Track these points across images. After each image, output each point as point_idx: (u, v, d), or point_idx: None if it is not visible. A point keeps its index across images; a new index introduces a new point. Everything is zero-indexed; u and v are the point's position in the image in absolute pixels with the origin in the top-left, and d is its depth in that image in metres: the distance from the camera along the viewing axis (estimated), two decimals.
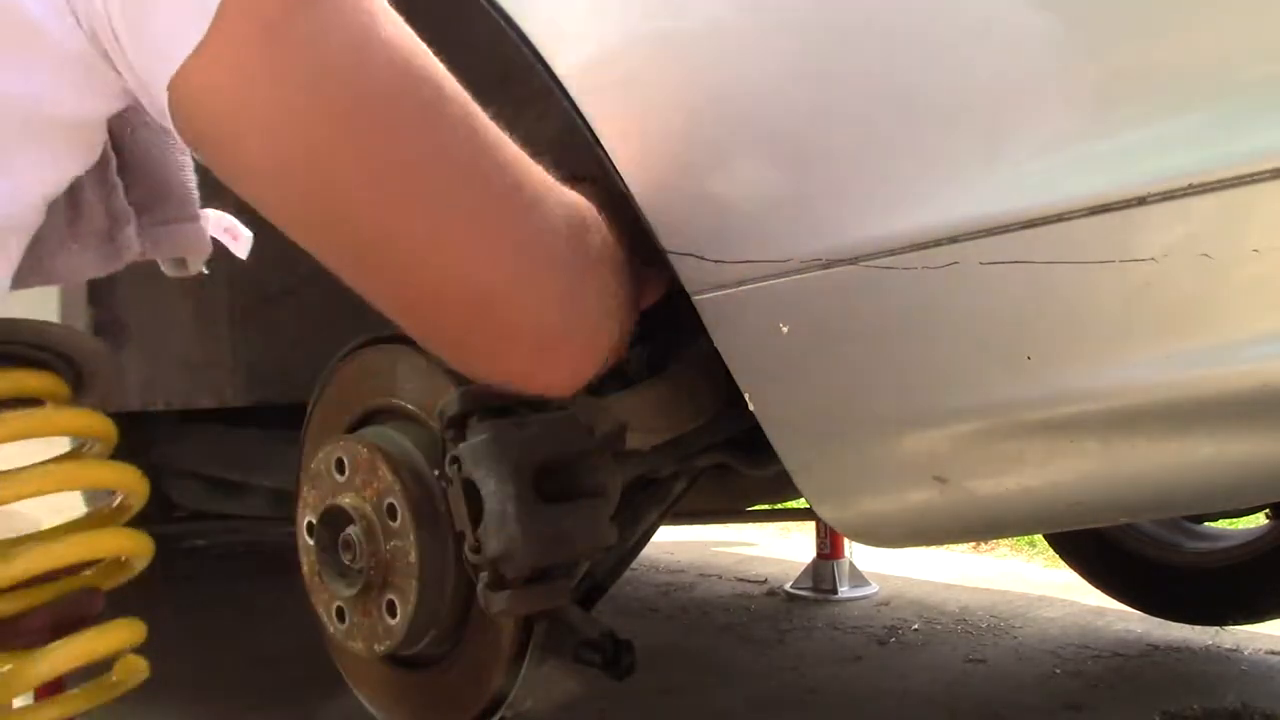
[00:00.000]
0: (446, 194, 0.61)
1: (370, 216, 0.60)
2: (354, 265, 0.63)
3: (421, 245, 0.61)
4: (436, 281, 0.63)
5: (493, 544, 0.84)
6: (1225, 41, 0.60)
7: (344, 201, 0.59)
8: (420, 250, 0.61)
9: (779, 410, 0.81)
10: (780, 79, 0.74)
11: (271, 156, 0.57)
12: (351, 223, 0.60)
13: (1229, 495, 0.86)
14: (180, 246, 0.69)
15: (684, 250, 0.78)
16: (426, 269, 0.62)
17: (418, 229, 0.61)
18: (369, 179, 0.59)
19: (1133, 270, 0.62)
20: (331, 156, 0.58)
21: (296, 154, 0.57)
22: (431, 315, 0.66)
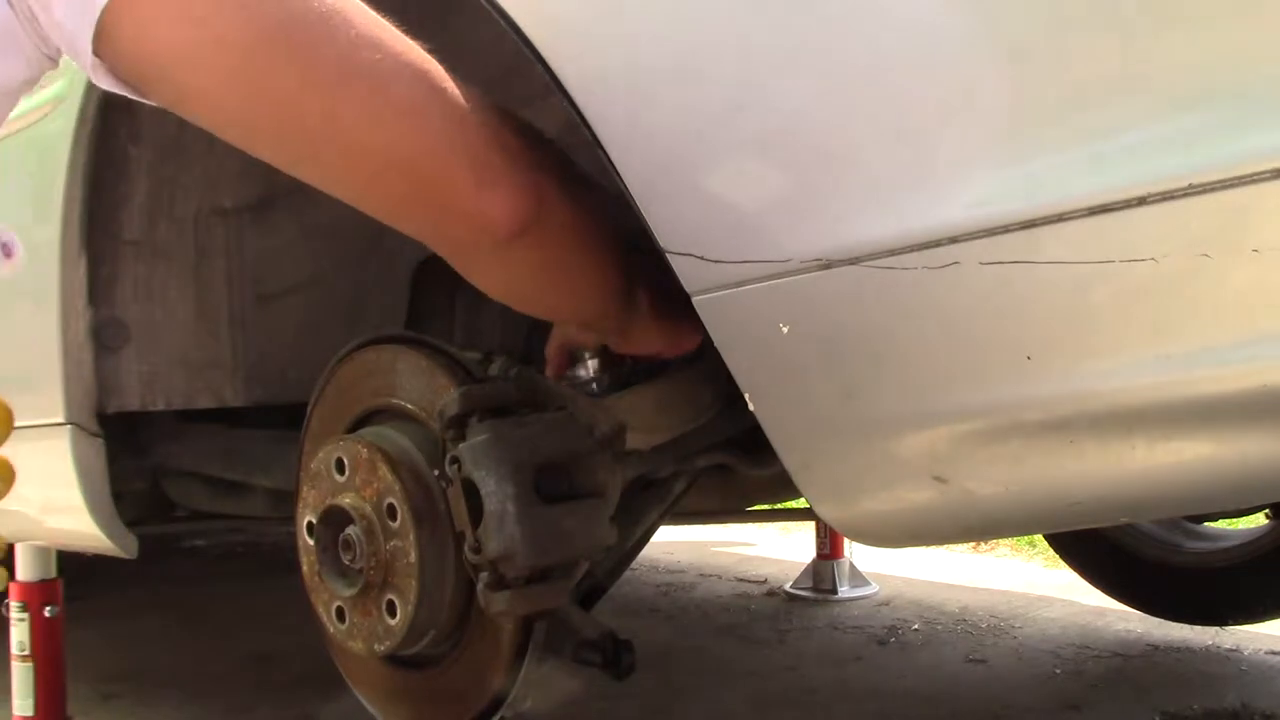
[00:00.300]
0: (370, 77, 0.71)
1: (315, 115, 0.70)
2: (306, 159, 0.73)
3: (362, 127, 0.71)
4: (383, 153, 0.73)
5: (493, 544, 0.84)
6: (1225, 41, 0.60)
7: (285, 99, 0.68)
8: (362, 132, 0.71)
9: (779, 410, 0.81)
10: (780, 79, 0.74)
11: (213, 75, 0.66)
12: (296, 117, 0.70)
13: (1229, 495, 0.86)
14: None
15: (684, 250, 0.78)
16: (370, 146, 0.72)
17: (357, 114, 0.71)
18: (301, 74, 0.68)
19: (1133, 270, 0.62)
20: (268, 62, 0.67)
21: (235, 68, 0.66)
22: (385, 188, 0.76)
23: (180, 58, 0.65)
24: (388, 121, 0.72)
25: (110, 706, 2.21)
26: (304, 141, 0.71)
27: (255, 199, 1.53)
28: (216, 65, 0.66)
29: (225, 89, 0.67)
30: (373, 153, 0.73)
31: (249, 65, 0.66)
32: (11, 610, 1.93)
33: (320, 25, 0.69)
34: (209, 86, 0.67)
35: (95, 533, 1.47)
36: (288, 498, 1.17)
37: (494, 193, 0.76)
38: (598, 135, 0.81)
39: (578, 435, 0.91)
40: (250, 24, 0.66)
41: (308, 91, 0.69)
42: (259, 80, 0.67)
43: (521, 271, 0.84)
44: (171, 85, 0.67)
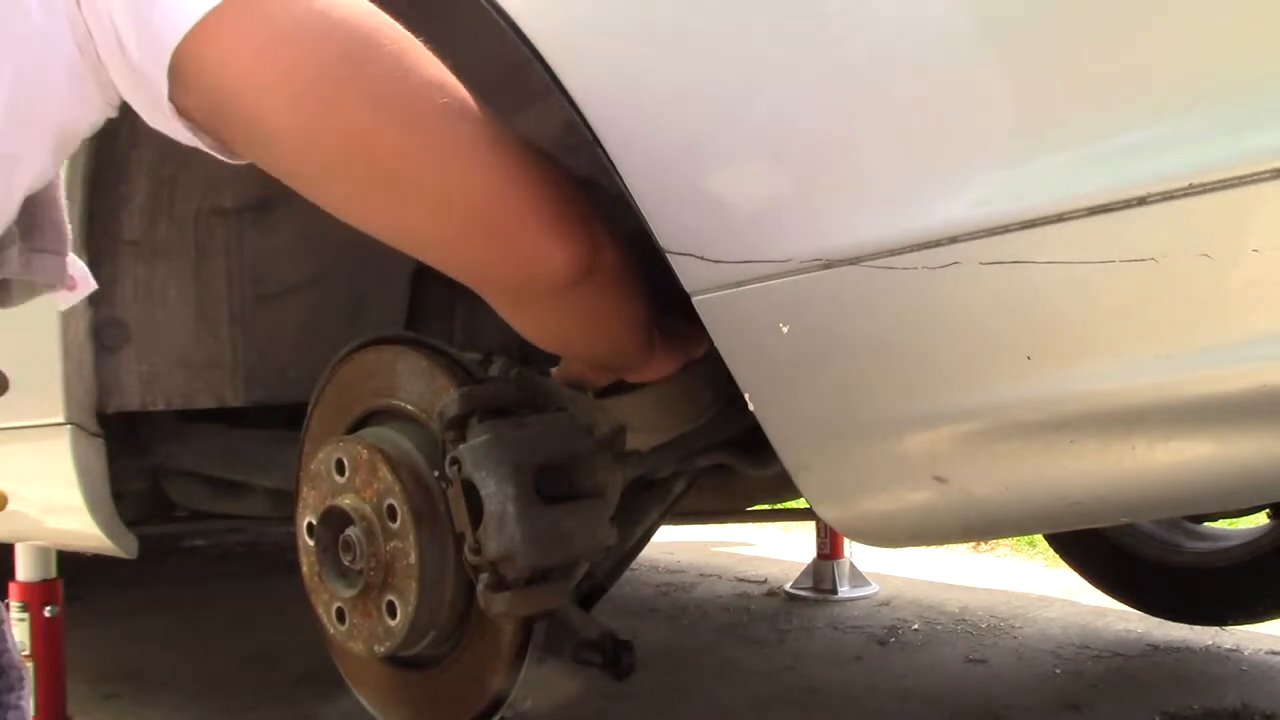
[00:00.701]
0: (438, 112, 0.71)
1: (384, 149, 0.69)
2: (373, 197, 0.72)
3: (428, 162, 0.71)
4: (450, 191, 0.73)
5: (493, 545, 0.84)
6: (1225, 41, 0.60)
7: (359, 131, 0.68)
8: (429, 167, 0.71)
9: (779, 410, 0.81)
10: (780, 79, 0.74)
11: (287, 107, 0.66)
12: (367, 150, 0.69)
13: (1229, 495, 0.86)
14: (47, 274, 0.76)
15: (684, 250, 0.78)
16: (437, 183, 0.72)
17: (425, 149, 0.71)
18: (375, 108, 0.68)
19: (1133, 270, 0.62)
20: (344, 94, 0.67)
21: (311, 99, 0.66)
22: (447, 229, 0.75)
23: (257, 89, 0.65)
24: (459, 160, 0.72)
25: (110, 706, 2.21)
26: (373, 178, 0.71)
27: (255, 199, 1.53)
28: (292, 96, 0.66)
29: (299, 121, 0.67)
30: (442, 191, 0.73)
31: (325, 96, 0.66)
32: (11, 610, 1.93)
33: (394, 63, 0.69)
34: (283, 119, 0.66)
35: (95, 533, 1.47)
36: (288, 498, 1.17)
37: (557, 240, 0.76)
38: (598, 135, 0.81)
39: (578, 436, 0.91)
40: (327, 57, 0.66)
41: (381, 126, 0.69)
42: (334, 112, 0.67)
43: (570, 319, 0.85)
44: (245, 119, 0.66)
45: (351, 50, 0.67)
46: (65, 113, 0.65)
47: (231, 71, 0.63)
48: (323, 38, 0.66)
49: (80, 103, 0.65)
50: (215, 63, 0.63)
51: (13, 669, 0.69)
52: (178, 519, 1.83)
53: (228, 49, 0.63)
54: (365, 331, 1.09)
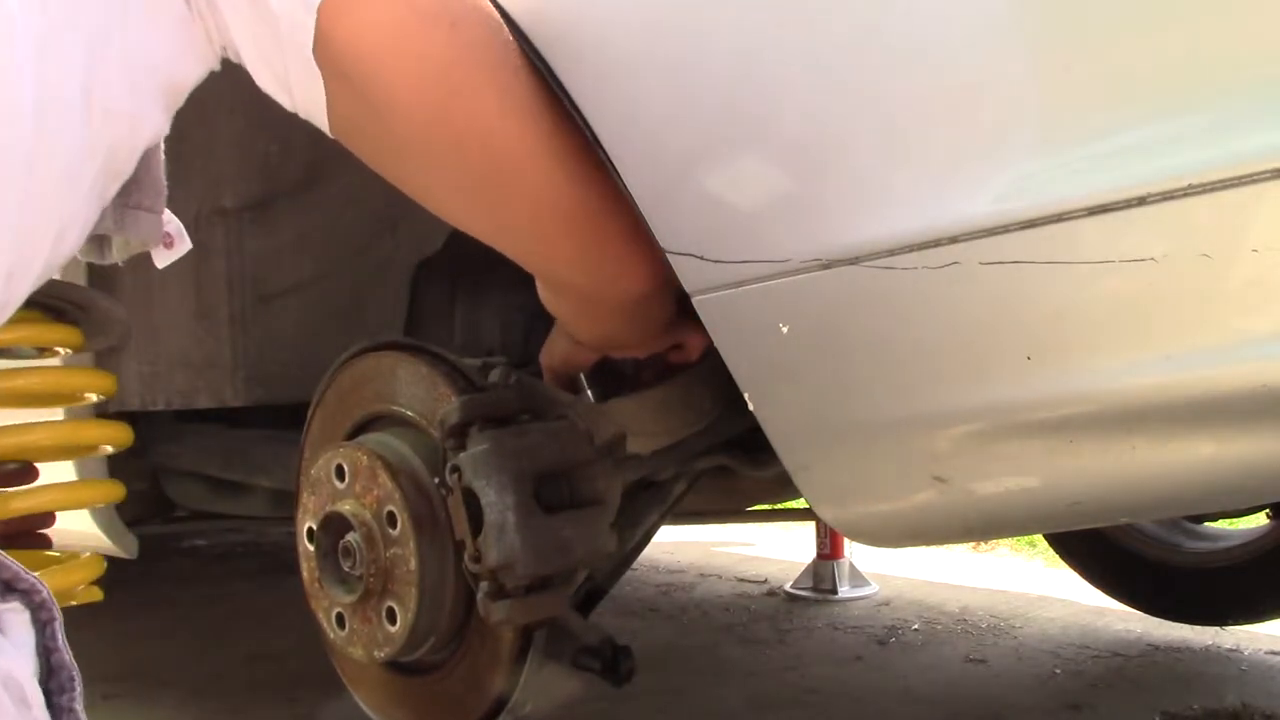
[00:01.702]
0: (550, 113, 0.73)
1: (503, 139, 0.70)
2: (476, 189, 0.73)
3: (541, 159, 0.72)
4: (552, 191, 0.74)
5: (493, 554, 0.84)
6: (1225, 41, 0.60)
7: (479, 128, 0.69)
8: (540, 164, 0.72)
9: (779, 411, 0.80)
10: (780, 79, 0.74)
11: (419, 93, 0.67)
12: (486, 147, 0.70)
13: (1229, 495, 0.86)
14: (142, 232, 0.75)
15: (684, 250, 0.78)
16: (543, 181, 0.73)
17: (538, 145, 0.72)
18: (499, 98, 0.69)
19: (1133, 270, 0.62)
20: (470, 78, 0.68)
21: (437, 77, 0.67)
22: (542, 227, 0.76)
23: (392, 60, 0.65)
24: (565, 166, 0.73)
25: (110, 706, 2.21)
26: (485, 169, 0.71)
27: (255, 199, 1.53)
28: (425, 75, 0.66)
29: (425, 100, 0.67)
30: (546, 193, 0.74)
31: (455, 80, 0.67)
32: None
33: (516, 58, 0.71)
34: (411, 95, 0.67)
35: (95, 533, 1.47)
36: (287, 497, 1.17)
37: (640, 258, 0.78)
38: (598, 135, 0.81)
39: (578, 443, 0.91)
40: (463, 41, 0.67)
41: (504, 119, 0.70)
42: (461, 98, 0.68)
43: (623, 324, 0.87)
44: (369, 88, 0.66)
45: (485, 38, 0.68)
46: (174, 66, 0.65)
47: (369, 38, 0.64)
48: (461, 21, 0.67)
49: (188, 54, 0.65)
50: (354, 25, 0.63)
51: (64, 669, 0.69)
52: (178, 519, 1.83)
53: (369, 14, 0.64)
54: (365, 332, 1.09)
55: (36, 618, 0.64)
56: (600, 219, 0.77)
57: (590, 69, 0.83)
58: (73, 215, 0.62)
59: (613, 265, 0.79)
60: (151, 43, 0.63)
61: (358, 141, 0.71)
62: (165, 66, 0.64)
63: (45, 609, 0.65)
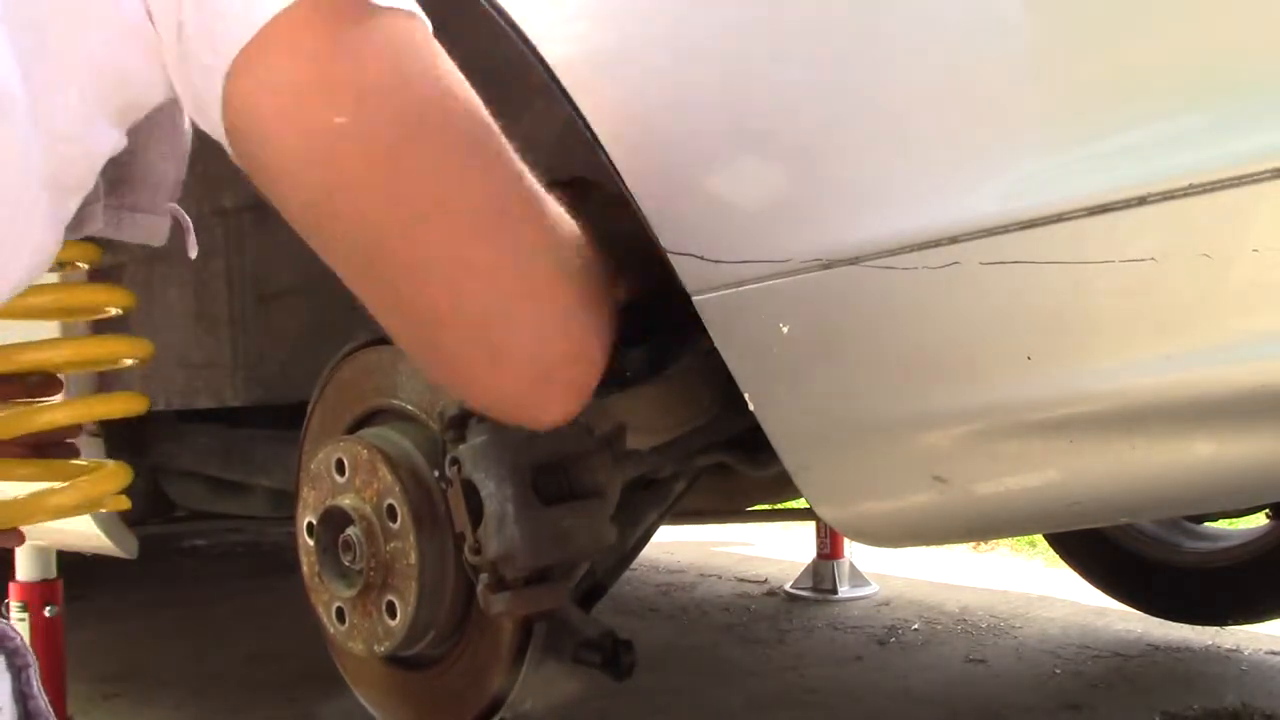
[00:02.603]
0: (465, 223, 0.63)
1: (387, 241, 0.61)
2: (363, 273, 0.64)
3: (435, 271, 0.63)
4: (447, 299, 0.64)
5: (493, 545, 0.84)
6: (1225, 41, 0.60)
7: (361, 223, 0.61)
8: (433, 277, 0.63)
9: (779, 410, 0.81)
10: (780, 79, 0.74)
11: (296, 176, 0.60)
12: (369, 246, 0.62)
13: (1229, 495, 0.86)
14: (138, 235, 0.70)
15: (684, 250, 0.78)
16: (438, 285, 0.63)
17: (438, 249, 0.62)
18: (398, 198, 0.60)
19: (1133, 270, 0.62)
20: (366, 171, 0.59)
21: (331, 168, 0.59)
22: (432, 332, 0.66)
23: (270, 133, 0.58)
24: (466, 276, 0.63)
25: (110, 706, 2.21)
26: (367, 263, 0.63)
27: (255, 199, 1.53)
28: (301, 150, 0.59)
29: (302, 175, 0.60)
30: (437, 303, 0.64)
31: (334, 160, 0.59)
32: (11, 610, 1.93)
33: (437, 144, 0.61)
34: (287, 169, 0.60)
35: (95, 533, 1.47)
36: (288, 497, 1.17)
37: (554, 393, 0.68)
38: (598, 135, 0.81)
39: (577, 436, 0.91)
40: (356, 119, 0.58)
41: (387, 211, 0.61)
42: (340, 179, 0.60)
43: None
44: (254, 156, 0.60)
45: (409, 114, 0.59)
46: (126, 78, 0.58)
47: (265, 103, 0.57)
48: (377, 93, 0.58)
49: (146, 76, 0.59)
50: (252, 87, 0.57)
51: (40, 716, 0.66)
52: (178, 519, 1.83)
53: (270, 77, 0.56)
54: (365, 331, 1.09)
55: (11, 664, 0.62)
56: (519, 344, 0.65)
57: (591, 70, 0.83)
58: (19, 235, 0.57)
59: (521, 401, 0.68)
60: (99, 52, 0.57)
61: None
62: (114, 77, 0.58)
63: (19, 655, 0.63)
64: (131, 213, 0.70)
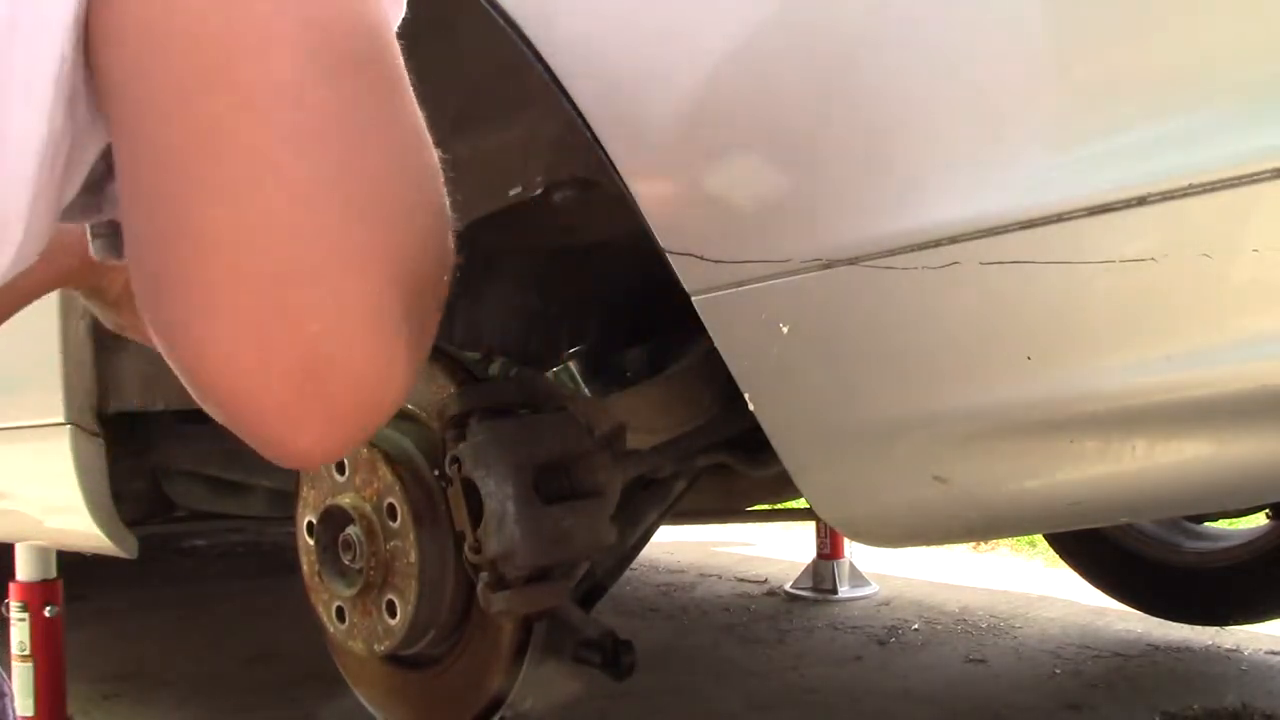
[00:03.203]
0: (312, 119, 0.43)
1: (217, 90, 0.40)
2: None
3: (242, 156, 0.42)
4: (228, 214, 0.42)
5: (493, 544, 0.85)
6: (1225, 41, 0.60)
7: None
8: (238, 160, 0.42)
9: (779, 410, 0.81)
10: (781, 80, 0.74)
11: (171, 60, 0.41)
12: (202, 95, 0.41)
13: (1229, 495, 0.86)
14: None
15: (684, 250, 0.78)
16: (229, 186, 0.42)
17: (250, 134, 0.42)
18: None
19: (1133, 270, 0.62)
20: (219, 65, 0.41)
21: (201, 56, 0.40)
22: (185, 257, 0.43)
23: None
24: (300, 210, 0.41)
25: (110, 706, 2.21)
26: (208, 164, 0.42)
27: None
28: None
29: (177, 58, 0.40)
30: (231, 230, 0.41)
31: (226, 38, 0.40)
32: (11, 610, 1.93)
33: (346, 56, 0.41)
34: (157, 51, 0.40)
35: (95, 533, 1.46)
36: (288, 498, 1.17)
37: (314, 413, 0.44)
38: (597, 135, 0.81)
39: (577, 435, 0.91)
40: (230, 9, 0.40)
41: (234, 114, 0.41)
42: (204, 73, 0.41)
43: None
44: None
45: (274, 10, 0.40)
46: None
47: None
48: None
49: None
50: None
51: None
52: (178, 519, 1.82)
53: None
54: None
55: None
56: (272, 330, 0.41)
57: (591, 70, 0.83)
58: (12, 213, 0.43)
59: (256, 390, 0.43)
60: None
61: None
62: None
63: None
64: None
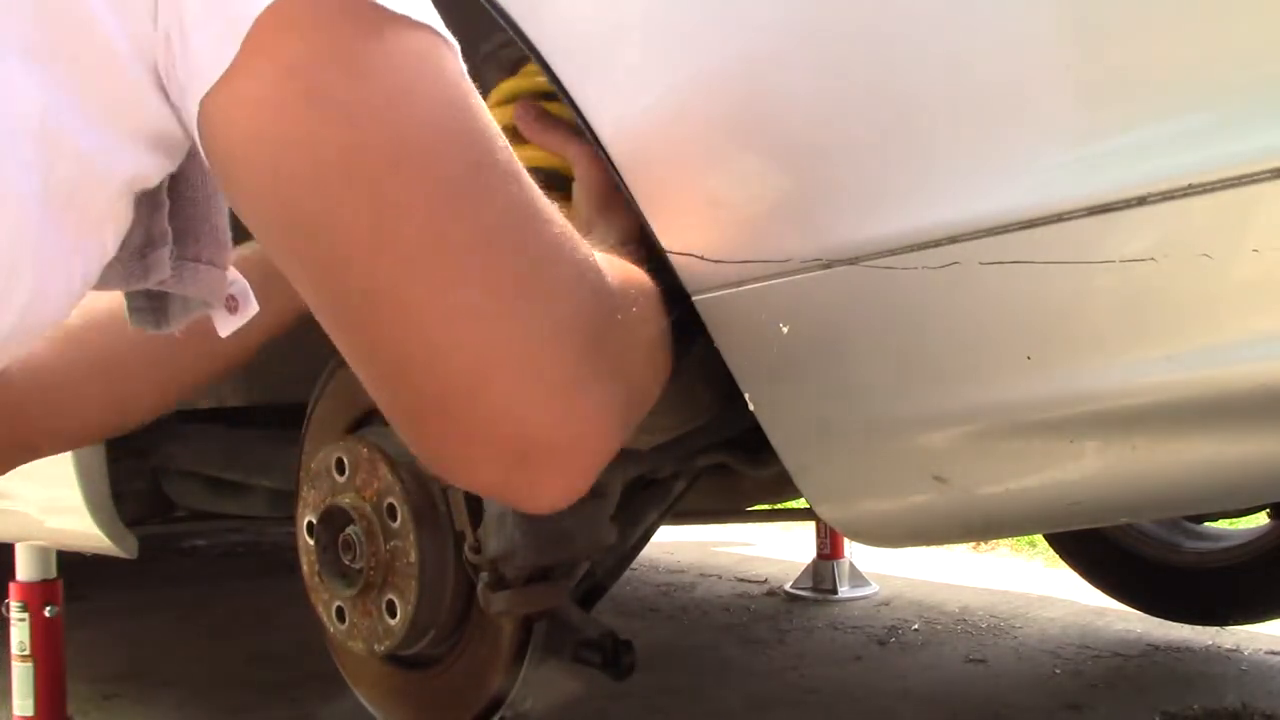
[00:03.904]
0: (456, 260, 0.55)
1: (366, 280, 0.54)
2: (342, 330, 0.57)
3: (411, 305, 0.54)
4: (419, 349, 0.55)
5: (493, 544, 0.85)
6: (1225, 41, 0.60)
7: (340, 258, 0.54)
8: (409, 309, 0.54)
9: (779, 410, 0.81)
10: (781, 79, 0.74)
11: (273, 203, 0.53)
12: (346, 284, 0.54)
13: (1229, 495, 0.86)
14: (202, 289, 0.64)
15: (684, 250, 0.78)
16: (407, 331, 0.55)
17: (411, 290, 0.54)
18: (378, 230, 0.53)
19: (1133, 270, 0.62)
20: (346, 198, 0.52)
21: (306, 192, 0.52)
22: (405, 397, 0.58)
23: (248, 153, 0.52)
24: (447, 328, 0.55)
25: (110, 706, 2.21)
26: (343, 303, 0.56)
27: None
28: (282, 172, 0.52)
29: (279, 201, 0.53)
30: (410, 355, 0.55)
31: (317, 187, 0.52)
32: (11, 610, 1.93)
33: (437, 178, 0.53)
34: (264, 194, 0.53)
35: (95, 533, 1.46)
36: (288, 498, 1.17)
37: (535, 473, 0.58)
38: (598, 135, 0.81)
39: None
40: (345, 143, 0.51)
41: (370, 248, 0.53)
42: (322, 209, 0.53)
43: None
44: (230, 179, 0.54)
45: (397, 155, 0.52)
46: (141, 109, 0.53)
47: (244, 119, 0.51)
48: (370, 124, 0.51)
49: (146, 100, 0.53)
50: (228, 98, 0.50)
51: None
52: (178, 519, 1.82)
53: (251, 89, 0.50)
54: None
55: None
56: (495, 412, 0.55)
57: (591, 70, 0.83)
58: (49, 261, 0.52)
59: (494, 473, 0.58)
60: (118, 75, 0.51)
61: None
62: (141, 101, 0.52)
63: None
64: (195, 264, 0.63)
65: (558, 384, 0.57)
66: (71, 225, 0.53)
